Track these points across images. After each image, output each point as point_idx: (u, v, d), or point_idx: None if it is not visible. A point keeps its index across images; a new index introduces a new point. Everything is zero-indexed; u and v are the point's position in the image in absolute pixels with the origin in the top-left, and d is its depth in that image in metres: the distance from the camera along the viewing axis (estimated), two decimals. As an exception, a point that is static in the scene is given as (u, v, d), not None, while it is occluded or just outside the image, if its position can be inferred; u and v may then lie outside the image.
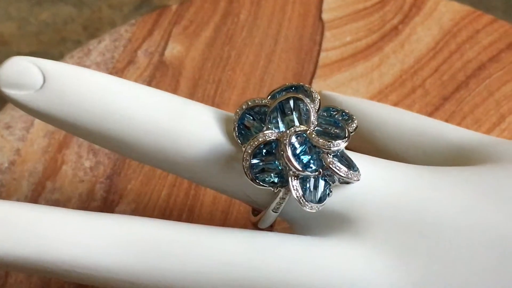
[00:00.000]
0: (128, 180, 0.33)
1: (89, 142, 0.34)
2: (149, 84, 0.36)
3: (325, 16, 0.39)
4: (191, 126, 0.24)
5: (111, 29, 0.38)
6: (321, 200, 0.23)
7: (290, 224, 0.26)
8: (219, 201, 0.32)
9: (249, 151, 0.23)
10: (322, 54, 0.38)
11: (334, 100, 0.33)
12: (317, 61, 0.38)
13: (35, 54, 0.49)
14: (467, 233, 0.23)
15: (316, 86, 0.37)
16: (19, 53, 0.49)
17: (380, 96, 0.36)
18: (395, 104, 0.36)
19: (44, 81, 0.23)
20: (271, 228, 0.28)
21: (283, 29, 0.39)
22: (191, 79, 0.37)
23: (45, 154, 0.34)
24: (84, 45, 0.38)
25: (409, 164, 0.26)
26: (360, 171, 0.24)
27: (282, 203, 0.24)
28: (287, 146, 0.22)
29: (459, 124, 0.35)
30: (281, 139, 0.23)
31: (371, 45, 0.38)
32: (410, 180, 0.25)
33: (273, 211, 0.24)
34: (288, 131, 0.23)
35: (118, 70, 0.37)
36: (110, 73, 0.37)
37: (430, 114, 0.36)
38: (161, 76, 0.37)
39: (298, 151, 0.23)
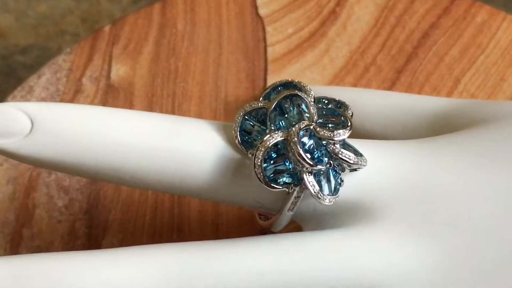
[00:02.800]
0: (107, 211, 0.32)
1: (56, 183, 0.33)
2: (102, 110, 0.35)
3: (261, 11, 0.39)
4: (193, 144, 0.23)
5: (48, 61, 0.37)
6: (335, 192, 0.23)
7: (300, 222, 0.26)
8: (206, 214, 0.32)
9: (260, 156, 0.22)
10: (269, 50, 0.38)
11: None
12: (266, 58, 0.37)
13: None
14: (479, 201, 0.23)
15: (272, 82, 0.36)
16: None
17: (337, 80, 0.36)
18: (353, 85, 0.36)
19: (32, 125, 0.22)
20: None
21: (224, 31, 0.38)
22: (145, 97, 0.36)
23: (13, 201, 0.32)
24: (24, 82, 0.37)
25: (403, 140, 0.26)
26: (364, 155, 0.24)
27: (297, 202, 0.23)
28: (297, 144, 0.22)
29: (418, 93, 0.36)
30: (289, 138, 0.22)
31: (314, 32, 0.38)
32: (411, 156, 0.25)
33: (288, 212, 0.24)
34: (294, 129, 0.22)
35: (67, 102, 0.36)
36: (59, 107, 0.35)
37: (389, 89, 0.36)
38: (113, 99, 0.36)
39: (307, 147, 0.22)
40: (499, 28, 0.38)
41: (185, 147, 0.23)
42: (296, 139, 0.22)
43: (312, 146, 0.22)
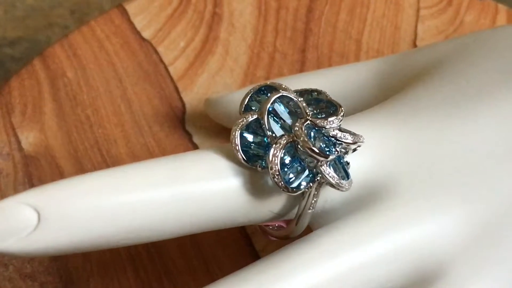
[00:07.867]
0: (85, 280, 0.30)
1: (17, 273, 0.30)
2: (30, 182, 0.33)
3: (145, 34, 0.38)
4: (204, 180, 0.22)
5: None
6: (348, 176, 0.23)
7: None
8: (185, 247, 0.31)
9: (276, 166, 0.22)
10: (171, 69, 0.37)
11: (230, 100, 0.32)
12: (171, 77, 0.36)
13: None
14: (474, 148, 0.24)
15: (189, 99, 0.36)
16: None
17: (249, 77, 0.36)
18: (267, 78, 0.36)
19: (39, 214, 0.20)
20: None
21: (117, 65, 0.37)
22: (69, 156, 0.34)
23: (-19, 309, 0.29)
24: None
25: (370, 109, 0.27)
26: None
27: (316, 198, 0.23)
28: (307, 142, 0.22)
29: (329, 65, 0.36)
30: (296, 139, 0.22)
31: (206, 39, 0.38)
32: (391, 123, 0.25)
33: (309, 211, 0.23)
34: (297, 128, 0.22)
35: (-12, 187, 0.33)
36: (-20, 195, 0.33)
37: (300, 71, 0.36)
38: (37, 169, 0.33)
39: (315, 141, 0.22)
40: (372, -17, 0.39)
41: (198, 185, 0.22)
42: (304, 137, 0.22)
43: (317, 138, 0.22)
